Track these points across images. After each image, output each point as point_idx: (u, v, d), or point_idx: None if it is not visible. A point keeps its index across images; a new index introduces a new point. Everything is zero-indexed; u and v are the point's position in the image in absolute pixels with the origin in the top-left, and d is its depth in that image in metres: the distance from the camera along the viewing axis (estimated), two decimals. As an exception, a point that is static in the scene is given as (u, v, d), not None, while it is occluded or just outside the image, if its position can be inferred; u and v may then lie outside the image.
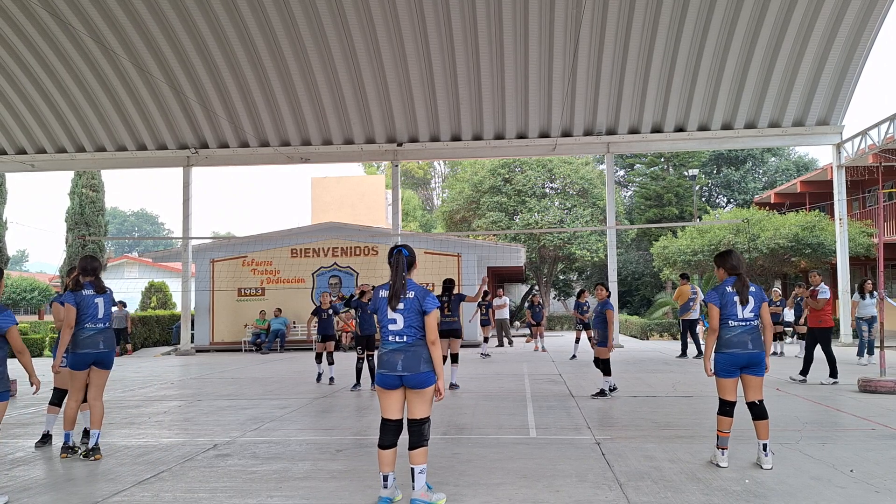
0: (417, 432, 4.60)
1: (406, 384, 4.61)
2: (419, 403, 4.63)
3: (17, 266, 64.72)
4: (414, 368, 4.58)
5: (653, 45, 16.97)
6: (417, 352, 4.61)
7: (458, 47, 17.13)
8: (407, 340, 4.63)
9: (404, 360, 4.60)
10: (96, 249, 30.93)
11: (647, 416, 7.90)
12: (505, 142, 19.66)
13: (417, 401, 4.64)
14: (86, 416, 6.90)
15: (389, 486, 4.63)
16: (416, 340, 4.63)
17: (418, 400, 4.63)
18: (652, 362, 14.77)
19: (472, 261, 21.52)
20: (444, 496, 4.79)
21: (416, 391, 4.62)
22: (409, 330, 4.63)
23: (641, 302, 41.07)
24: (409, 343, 4.62)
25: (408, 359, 4.60)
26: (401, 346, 4.63)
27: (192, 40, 17.43)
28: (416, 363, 4.59)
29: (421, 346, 4.63)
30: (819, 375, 10.68)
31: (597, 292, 9.89)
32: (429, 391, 4.64)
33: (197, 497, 4.93)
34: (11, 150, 21.20)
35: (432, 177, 57.69)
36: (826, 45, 16.87)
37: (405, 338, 4.63)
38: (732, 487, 4.89)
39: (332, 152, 20.38)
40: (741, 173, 43.22)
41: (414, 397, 4.64)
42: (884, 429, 6.91)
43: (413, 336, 4.63)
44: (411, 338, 4.63)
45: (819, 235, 23.06)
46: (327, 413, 8.67)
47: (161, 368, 15.84)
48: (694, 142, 19.89)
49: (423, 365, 4.59)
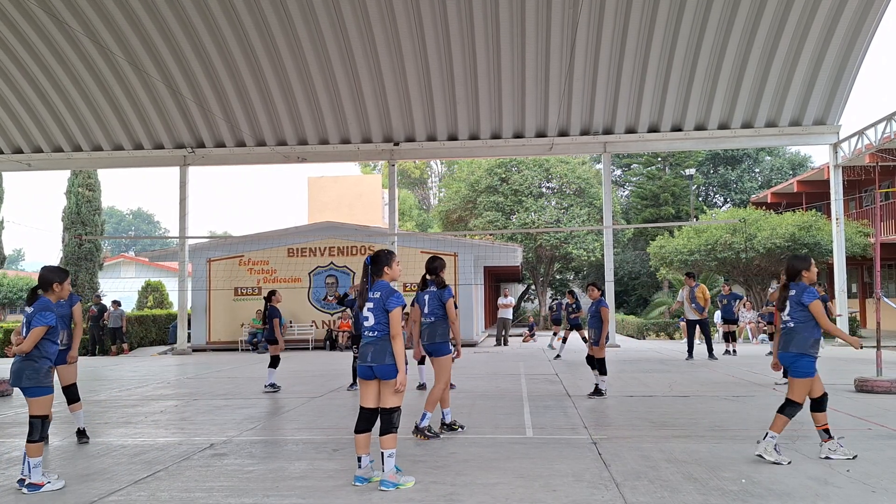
0: (387, 420, 5.08)
1: (377, 374, 5.12)
2: (387, 394, 5.11)
3: (13, 265, 64.57)
4: (380, 360, 5.09)
5: (649, 44, 16.98)
6: (384, 346, 5.12)
7: (454, 47, 17.12)
8: (377, 335, 5.17)
9: (373, 352, 5.13)
10: (93, 249, 30.87)
11: (644, 415, 7.90)
12: (502, 141, 19.66)
13: (386, 391, 5.12)
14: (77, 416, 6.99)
15: (363, 467, 5.16)
16: (384, 335, 5.15)
17: (387, 390, 5.11)
18: (648, 362, 14.78)
19: (469, 260, 21.53)
20: (412, 479, 5.13)
21: (384, 382, 5.11)
22: (377, 326, 5.17)
23: (638, 301, 41.12)
24: (378, 337, 5.15)
25: (376, 351, 5.12)
26: (372, 339, 5.19)
27: (188, 40, 17.39)
28: (382, 355, 5.09)
29: (388, 341, 5.13)
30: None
31: (588, 292, 9.88)
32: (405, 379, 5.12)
33: (193, 496, 4.91)
34: (8, 149, 21.14)
35: (429, 176, 57.72)
36: (823, 45, 16.89)
37: (375, 332, 5.18)
38: (729, 487, 4.89)
39: (328, 152, 20.36)
40: (738, 173, 43.28)
41: (383, 388, 5.14)
42: (881, 428, 6.92)
43: (381, 331, 5.16)
44: (380, 333, 5.16)
45: (816, 235, 23.10)
46: (324, 412, 8.66)
47: (157, 368, 15.81)
48: (691, 141, 19.91)
49: (388, 357, 5.09)
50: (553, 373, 12.74)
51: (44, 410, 5.30)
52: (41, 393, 5.31)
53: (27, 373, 5.29)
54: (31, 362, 5.31)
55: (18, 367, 5.33)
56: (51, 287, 5.60)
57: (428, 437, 6.70)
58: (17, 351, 5.33)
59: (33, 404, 5.29)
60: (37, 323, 5.29)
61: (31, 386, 5.29)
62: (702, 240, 25.13)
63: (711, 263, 25.31)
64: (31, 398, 5.31)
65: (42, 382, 5.32)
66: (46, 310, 5.38)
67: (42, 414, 5.28)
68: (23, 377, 5.30)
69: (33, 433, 5.20)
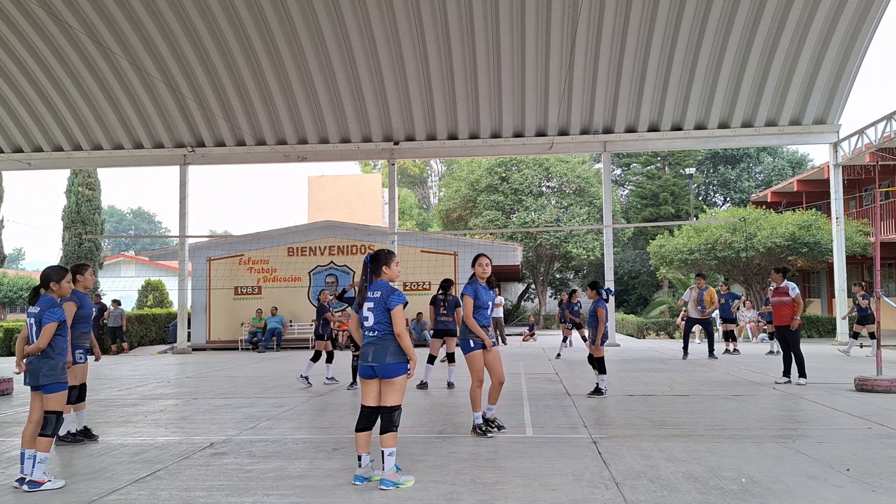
0: (387, 418, 5.07)
1: (377, 374, 5.12)
2: (388, 392, 5.11)
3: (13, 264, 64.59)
4: (381, 359, 5.09)
5: (650, 43, 16.98)
6: (385, 345, 5.12)
7: (454, 46, 17.11)
8: (377, 335, 5.16)
9: (374, 352, 5.13)
10: (93, 248, 30.88)
11: (644, 414, 7.90)
12: (502, 140, 19.66)
13: (387, 390, 5.12)
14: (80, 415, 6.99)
15: (363, 466, 5.16)
16: (385, 335, 5.15)
17: (387, 389, 5.12)
18: (648, 361, 14.78)
19: (469, 259, 21.48)
20: (412, 478, 5.11)
21: (385, 381, 5.12)
22: (378, 325, 5.16)
23: (638, 301, 41.11)
24: (379, 337, 5.15)
25: (377, 351, 5.12)
26: (372, 339, 5.18)
27: (189, 39, 17.39)
28: (383, 355, 5.09)
29: (389, 340, 5.13)
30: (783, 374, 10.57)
31: (588, 293, 9.90)
32: (397, 381, 5.10)
33: (193, 495, 4.92)
34: (8, 148, 21.14)
35: (429, 175, 57.72)
36: (823, 44, 16.88)
37: (376, 332, 5.17)
38: (729, 486, 4.89)
39: (328, 151, 20.36)
40: (737, 172, 43.25)
41: (384, 386, 5.14)
42: (881, 428, 6.92)
43: (382, 330, 5.15)
44: (381, 332, 5.15)
45: (816, 234, 23.09)
46: (324, 411, 8.66)
47: (157, 367, 15.81)
48: (690, 141, 19.91)
49: (389, 357, 5.09)
50: (553, 372, 12.74)
51: (60, 406, 5.40)
52: (58, 389, 5.40)
53: (44, 370, 5.38)
54: (47, 360, 5.40)
55: (35, 365, 5.40)
56: (49, 285, 5.64)
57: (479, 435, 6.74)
58: (31, 350, 5.39)
59: (50, 400, 5.37)
60: (48, 320, 5.39)
61: (49, 383, 5.38)
62: (702, 239, 25.12)
63: (711, 262, 25.30)
64: (48, 394, 5.38)
65: (59, 378, 5.42)
66: (53, 306, 5.49)
67: (58, 409, 5.38)
68: (40, 375, 5.38)
69: (47, 427, 5.29)
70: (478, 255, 7.24)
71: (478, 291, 6.92)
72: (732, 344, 16.68)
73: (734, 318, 17.74)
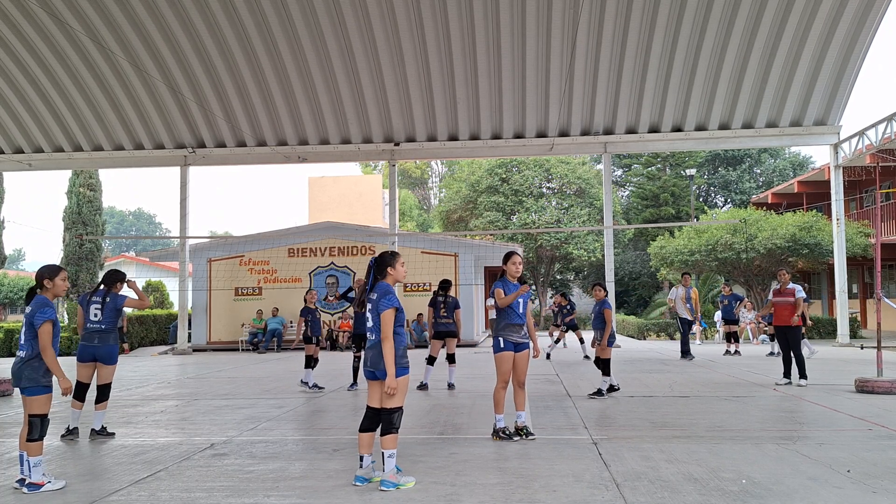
0: (387, 420, 5.07)
1: (378, 377, 5.11)
2: (387, 395, 5.07)
3: (14, 265, 64.61)
4: (377, 365, 5.09)
5: (650, 45, 16.97)
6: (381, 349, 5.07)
7: (455, 47, 17.11)
8: (375, 338, 5.14)
9: (372, 356, 5.15)
10: (93, 249, 30.89)
11: (644, 416, 7.90)
12: (502, 141, 19.65)
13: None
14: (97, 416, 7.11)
15: (365, 467, 5.14)
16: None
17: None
18: (649, 362, 14.78)
19: (469, 260, 21.53)
20: (413, 479, 5.11)
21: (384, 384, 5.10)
22: (376, 329, 5.13)
23: (638, 302, 41.13)
24: (377, 340, 5.11)
25: (374, 355, 5.12)
26: (372, 343, 5.17)
27: (189, 40, 17.39)
28: (379, 360, 5.06)
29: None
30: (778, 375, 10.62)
31: (594, 293, 9.89)
32: (397, 382, 5.03)
33: (194, 496, 4.92)
34: (8, 149, 21.15)
35: (429, 176, 57.71)
36: (823, 45, 16.88)
37: (374, 335, 5.16)
38: (729, 488, 4.89)
39: (329, 152, 20.36)
40: (738, 173, 43.27)
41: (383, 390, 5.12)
42: (881, 429, 6.92)
43: (379, 334, 5.09)
44: (378, 335, 5.11)
45: (816, 236, 23.10)
46: (324, 413, 8.67)
47: (158, 368, 15.81)
48: (691, 142, 19.90)
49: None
50: (553, 373, 12.74)
51: (42, 409, 5.30)
52: (39, 392, 5.31)
53: (26, 373, 5.31)
54: (29, 363, 5.32)
55: (19, 367, 5.34)
56: (43, 284, 5.61)
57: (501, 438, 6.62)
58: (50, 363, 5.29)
59: (32, 403, 5.30)
60: (39, 320, 5.32)
61: (30, 386, 5.30)
62: (702, 240, 25.14)
63: (712, 264, 25.31)
64: (29, 397, 5.31)
65: (40, 382, 5.32)
66: (45, 306, 5.42)
67: (41, 413, 5.29)
68: (22, 377, 5.31)
69: (33, 432, 5.21)
70: (510, 252, 6.91)
71: (508, 289, 6.75)
72: (735, 345, 16.68)
73: (736, 319, 17.75)
